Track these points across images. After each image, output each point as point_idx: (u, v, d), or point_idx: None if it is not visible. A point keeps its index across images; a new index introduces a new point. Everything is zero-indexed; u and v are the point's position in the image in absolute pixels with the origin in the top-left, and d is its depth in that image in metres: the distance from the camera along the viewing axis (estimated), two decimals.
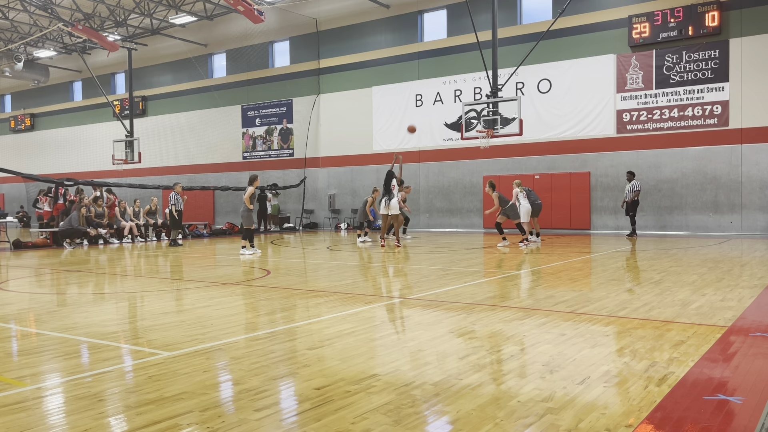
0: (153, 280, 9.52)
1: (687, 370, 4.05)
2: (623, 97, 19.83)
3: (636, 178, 18.20)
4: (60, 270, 11.29)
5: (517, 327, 5.51)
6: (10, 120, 38.59)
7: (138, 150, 26.52)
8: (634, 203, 17.84)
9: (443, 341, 5.01)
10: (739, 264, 10.55)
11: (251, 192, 13.76)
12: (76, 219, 17.22)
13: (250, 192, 13.74)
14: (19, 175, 19.52)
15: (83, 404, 3.47)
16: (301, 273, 10.44)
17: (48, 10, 25.00)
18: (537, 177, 21.27)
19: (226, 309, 6.74)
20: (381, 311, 6.49)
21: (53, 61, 34.64)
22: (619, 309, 6.36)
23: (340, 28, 25.46)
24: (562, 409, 3.31)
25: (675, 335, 5.07)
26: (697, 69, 18.67)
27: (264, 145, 28.02)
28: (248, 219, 13.99)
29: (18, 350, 4.94)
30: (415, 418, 3.22)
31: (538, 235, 16.27)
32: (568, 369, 4.10)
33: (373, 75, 24.70)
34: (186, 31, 29.23)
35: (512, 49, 20.65)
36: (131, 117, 27.38)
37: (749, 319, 5.79)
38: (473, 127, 19.28)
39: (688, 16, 18.57)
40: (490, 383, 3.82)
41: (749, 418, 3.20)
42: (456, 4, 22.61)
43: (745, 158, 18.17)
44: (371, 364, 4.31)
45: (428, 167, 23.49)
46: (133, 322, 6.23)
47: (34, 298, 7.87)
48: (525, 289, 7.94)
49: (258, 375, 4.03)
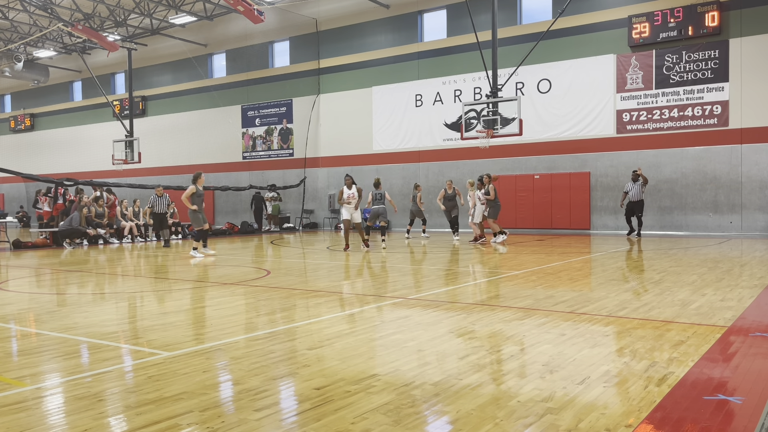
0: (153, 280, 9.52)
1: (687, 370, 4.06)
2: (623, 97, 19.83)
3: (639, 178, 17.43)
4: (60, 270, 11.29)
5: (517, 327, 5.51)
6: (10, 120, 38.58)
7: (138, 150, 26.52)
8: (641, 202, 17.50)
9: (443, 341, 5.01)
10: (738, 264, 10.55)
11: (191, 191, 13.08)
12: (77, 219, 17.22)
13: (189, 191, 13.07)
14: (19, 175, 19.51)
15: (83, 404, 3.47)
16: (301, 273, 10.44)
17: (48, 10, 24.99)
18: (537, 177, 21.27)
19: (226, 309, 6.74)
20: (381, 311, 6.49)
21: (53, 61, 34.64)
22: (619, 309, 6.36)
23: (340, 28, 25.46)
24: (562, 409, 3.31)
25: (675, 335, 5.07)
26: (697, 69, 18.67)
27: (264, 145, 28.01)
28: (195, 219, 13.37)
29: (18, 350, 4.94)
30: (415, 418, 3.22)
31: (503, 233, 16.14)
32: (567, 369, 4.10)
33: (373, 75, 24.69)
34: (186, 31, 29.23)
35: (512, 49, 20.65)
36: (131, 117, 27.38)
37: (749, 319, 5.79)
38: (473, 127, 19.28)
39: (688, 16, 18.57)
40: (490, 383, 3.82)
41: (749, 418, 3.20)
42: (456, 4, 22.61)
43: (745, 158, 18.17)
44: (371, 364, 4.31)
45: (428, 167, 23.49)
46: (132, 322, 6.23)
47: (34, 298, 7.87)
48: (525, 289, 7.94)
49: (258, 375, 4.03)
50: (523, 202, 21.40)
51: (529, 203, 21.37)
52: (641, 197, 17.49)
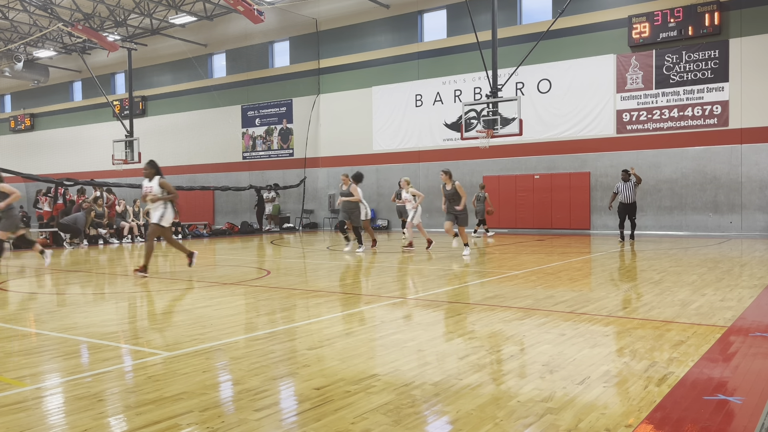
0: (153, 279, 9.52)
1: (687, 370, 4.05)
2: (623, 97, 19.83)
3: (631, 178, 15.91)
4: (60, 270, 11.29)
5: (517, 327, 5.51)
6: (10, 120, 38.58)
7: (138, 150, 26.52)
8: (634, 205, 15.96)
9: (443, 341, 5.01)
10: (738, 264, 10.55)
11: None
12: (83, 220, 17.21)
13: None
14: (19, 175, 19.50)
15: (83, 404, 3.47)
16: (301, 273, 10.44)
17: (48, 10, 24.99)
18: (537, 177, 21.27)
19: (225, 309, 6.74)
20: (381, 311, 6.49)
21: (53, 61, 34.63)
22: (618, 309, 6.36)
23: (340, 28, 25.46)
24: (562, 409, 3.31)
25: (675, 335, 5.07)
26: (697, 69, 18.67)
27: (264, 145, 28.01)
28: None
29: (18, 350, 4.94)
30: (415, 418, 3.22)
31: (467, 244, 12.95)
32: (567, 369, 4.10)
33: (373, 75, 24.69)
34: (186, 31, 29.23)
35: (512, 49, 20.65)
36: (131, 117, 27.38)
37: (749, 319, 5.79)
38: (473, 127, 19.28)
39: (688, 16, 18.57)
40: (490, 383, 3.82)
41: (749, 418, 3.20)
42: (456, 4, 22.61)
43: (744, 158, 18.17)
44: (371, 364, 4.31)
45: (428, 167, 23.48)
46: (132, 322, 6.23)
47: (34, 298, 7.87)
48: (525, 289, 7.94)
49: (258, 375, 4.03)
50: (523, 202, 21.40)
51: (529, 203, 21.37)
52: (634, 199, 15.81)
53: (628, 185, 15.80)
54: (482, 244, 15.90)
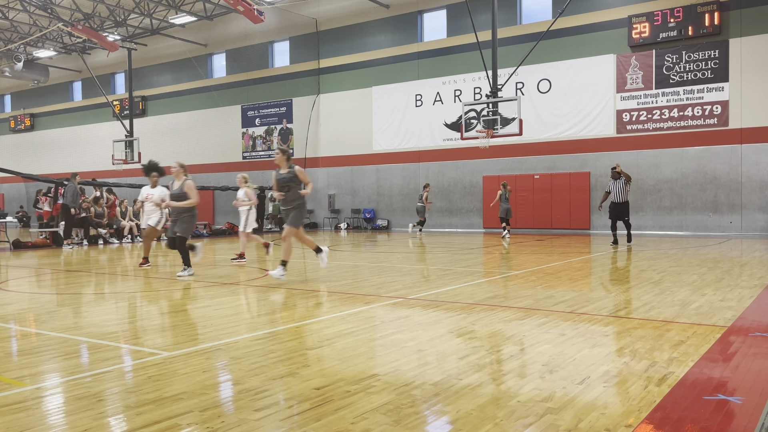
0: (153, 279, 9.52)
1: (687, 370, 4.05)
2: (623, 97, 19.83)
3: (621, 176, 15.00)
4: (60, 270, 11.29)
5: (517, 327, 5.51)
6: (10, 120, 38.58)
7: (138, 150, 26.52)
8: (626, 204, 15.07)
9: (443, 341, 5.01)
10: (738, 264, 10.55)
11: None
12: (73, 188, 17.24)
13: None
14: (19, 175, 19.51)
15: (83, 404, 3.47)
16: (301, 273, 10.44)
17: (48, 10, 24.99)
18: (537, 177, 21.27)
19: (226, 309, 6.74)
20: (381, 311, 6.49)
21: (53, 61, 34.63)
22: (618, 309, 6.36)
23: (340, 28, 25.46)
24: (562, 409, 3.31)
25: (675, 335, 5.07)
26: (697, 69, 18.67)
27: (264, 145, 28.01)
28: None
29: (18, 350, 4.94)
30: (415, 418, 3.22)
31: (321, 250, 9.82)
32: (567, 369, 4.10)
33: (373, 75, 24.69)
34: (186, 31, 29.23)
35: (512, 49, 20.65)
36: (131, 117, 27.38)
37: (749, 319, 5.79)
38: (473, 127, 19.29)
39: (688, 16, 18.58)
40: (490, 383, 3.82)
41: (749, 418, 3.20)
42: (456, 4, 22.61)
43: (744, 158, 18.17)
44: (371, 364, 4.31)
45: (428, 167, 23.49)
46: (132, 322, 6.23)
47: (34, 298, 7.87)
48: (525, 289, 7.94)
49: (258, 375, 4.03)
50: (523, 202, 21.41)
51: (529, 203, 21.37)
52: (626, 198, 14.99)
53: (618, 184, 14.99)
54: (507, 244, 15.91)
